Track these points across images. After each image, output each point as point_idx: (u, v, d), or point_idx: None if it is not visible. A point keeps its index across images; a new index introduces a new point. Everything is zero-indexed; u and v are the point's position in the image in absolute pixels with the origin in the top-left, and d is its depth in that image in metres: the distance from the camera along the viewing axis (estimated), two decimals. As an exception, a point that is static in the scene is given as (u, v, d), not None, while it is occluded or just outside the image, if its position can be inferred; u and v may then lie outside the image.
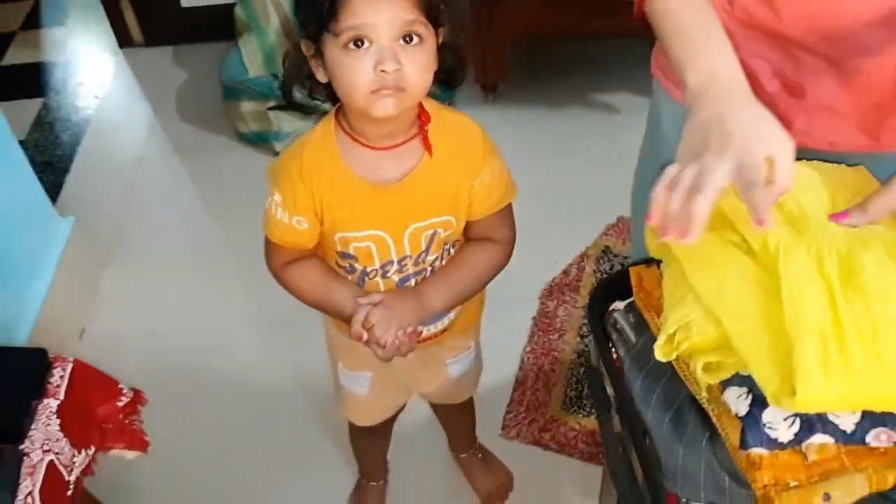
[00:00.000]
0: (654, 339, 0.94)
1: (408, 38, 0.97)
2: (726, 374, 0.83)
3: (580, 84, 2.61)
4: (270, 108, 2.48)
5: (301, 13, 1.02)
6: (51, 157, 2.59)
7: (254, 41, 2.58)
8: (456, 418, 1.63)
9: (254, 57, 2.56)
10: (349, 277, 1.20)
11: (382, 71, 0.96)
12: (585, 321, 1.92)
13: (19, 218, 1.92)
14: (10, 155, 1.94)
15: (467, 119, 1.16)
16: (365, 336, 1.14)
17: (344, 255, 1.17)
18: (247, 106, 2.49)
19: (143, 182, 2.47)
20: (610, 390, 1.01)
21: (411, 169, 1.10)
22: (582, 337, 1.89)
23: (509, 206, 1.21)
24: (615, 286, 1.10)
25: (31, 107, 2.79)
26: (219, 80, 2.64)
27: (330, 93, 1.10)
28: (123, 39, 2.94)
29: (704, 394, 0.86)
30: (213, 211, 2.38)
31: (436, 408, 1.62)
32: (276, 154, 2.46)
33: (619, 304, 1.07)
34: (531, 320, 1.94)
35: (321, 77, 1.05)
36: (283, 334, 2.00)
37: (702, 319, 0.83)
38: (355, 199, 1.10)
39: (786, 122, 0.87)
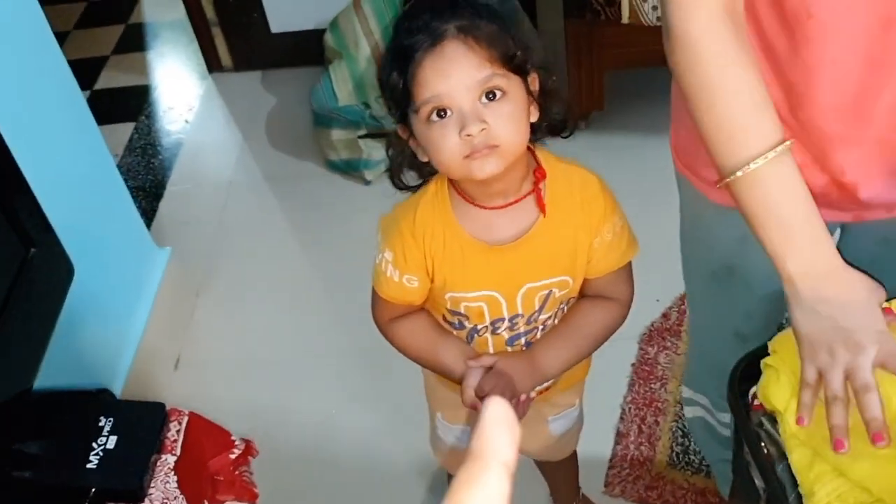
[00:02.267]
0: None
1: (490, 95, 0.94)
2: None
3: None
4: (361, 137, 2.47)
5: (386, 98, 1.00)
6: (143, 182, 2.63)
7: (344, 69, 2.57)
8: (558, 473, 1.59)
9: (344, 85, 2.55)
10: (456, 333, 1.17)
11: (468, 135, 0.93)
12: (689, 368, 1.86)
13: (119, 249, 1.94)
14: (111, 182, 1.95)
15: (586, 172, 1.12)
16: (478, 405, 1.10)
17: (454, 313, 1.14)
18: (337, 134, 2.48)
19: (233, 208, 2.49)
20: (759, 482, 0.96)
21: (526, 228, 1.06)
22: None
23: (629, 264, 1.16)
24: (752, 366, 1.05)
25: (123, 131, 2.84)
26: (308, 106, 2.65)
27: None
28: (213, 64, 2.97)
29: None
30: (303, 239, 2.38)
31: (537, 461, 1.57)
32: (367, 182, 2.45)
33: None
34: (630, 367, 1.88)
35: (421, 156, 1.03)
36: (373, 367, 1.98)
37: (855, 490, 0.84)
38: (468, 259, 1.07)
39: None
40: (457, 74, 0.92)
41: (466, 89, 0.93)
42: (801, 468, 0.89)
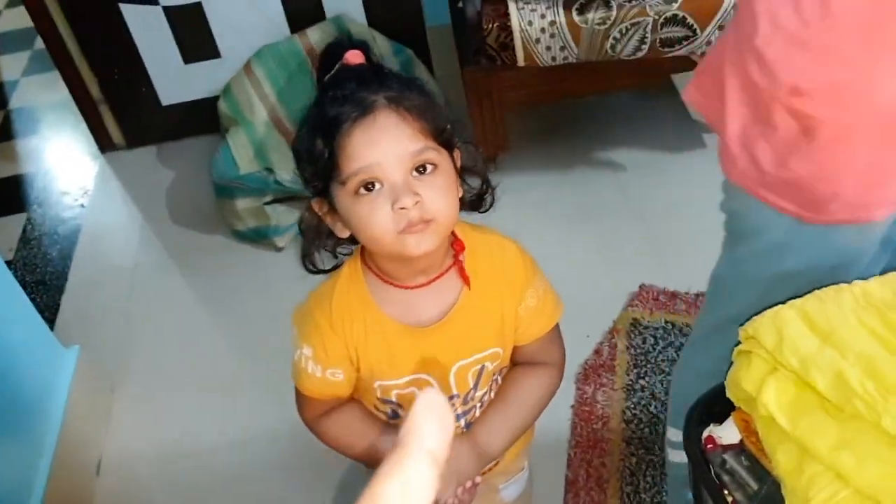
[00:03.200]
0: (779, 486, 0.88)
1: (421, 169, 0.91)
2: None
3: (582, 144, 2.56)
4: (267, 203, 2.40)
5: (303, 170, 0.95)
6: (42, 276, 2.49)
7: (242, 135, 2.50)
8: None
9: (244, 152, 2.48)
10: (391, 422, 1.11)
11: (402, 209, 0.89)
12: (629, 405, 1.84)
13: (22, 356, 1.81)
14: (3, 284, 1.82)
15: (502, 238, 1.09)
16: None
17: (385, 402, 1.09)
18: (242, 203, 2.40)
19: (141, 292, 2.37)
20: (725, 536, 0.93)
21: (451, 305, 1.02)
22: (627, 423, 1.81)
23: (557, 326, 1.14)
24: (708, 407, 1.03)
25: (14, 224, 2.69)
26: (209, 177, 2.56)
27: (354, 242, 1.03)
28: (104, 143, 2.85)
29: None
30: (218, 316, 2.28)
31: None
32: (279, 249, 2.38)
33: (717, 431, 1.01)
34: (570, 409, 1.86)
35: (340, 232, 0.98)
36: (311, 447, 1.89)
37: (854, 496, 0.77)
38: (393, 345, 1.02)
39: None
40: (389, 146, 0.88)
41: (399, 161, 0.88)
42: (788, 471, 0.83)
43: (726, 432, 1.01)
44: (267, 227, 2.37)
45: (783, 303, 0.92)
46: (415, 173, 0.90)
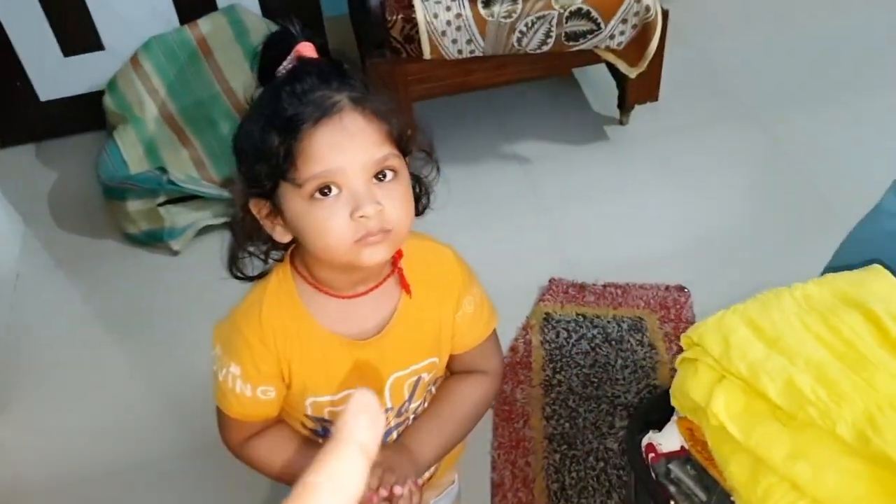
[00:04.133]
0: (729, 497, 0.87)
1: (381, 175, 0.85)
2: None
3: (487, 136, 2.53)
4: (161, 204, 2.26)
5: (248, 167, 0.88)
6: None
7: (131, 133, 2.36)
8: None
9: (133, 150, 2.34)
10: (320, 440, 1.06)
11: (362, 217, 0.83)
12: (547, 401, 1.84)
13: None
14: None
15: (438, 244, 1.05)
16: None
17: (316, 419, 1.03)
18: (133, 205, 2.26)
19: (24, 304, 2.20)
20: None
21: (389, 315, 0.98)
22: (547, 419, 1.80)
23: (494, 333, 1.11)
24: (646, 414, 1.03)
25: None
26: (95, 178, 2.40)
27: (287, 247, 0.97)
28: (-26, 142, 2.63)
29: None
30: (112, 327, 2.14)
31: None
32: (175, 253, 2.25)
33: (657, 438, 1.00)
34: (490, 409, 1.83)
35: (281, 237, 0.91)
36: (210, 461, 1.80)
37: None
38: (330, 358, 0.97)
39: None
40: (354, 150, 0.82)
41: (362, 167, 0.82)
42: (743, 482, 0.82)
43: (666, 439, 1.00)
44: (161, 229, 2.24)
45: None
46: (374, 180, 0.84)
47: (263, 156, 0.85)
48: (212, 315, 2.11)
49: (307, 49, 0.88)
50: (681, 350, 1.90)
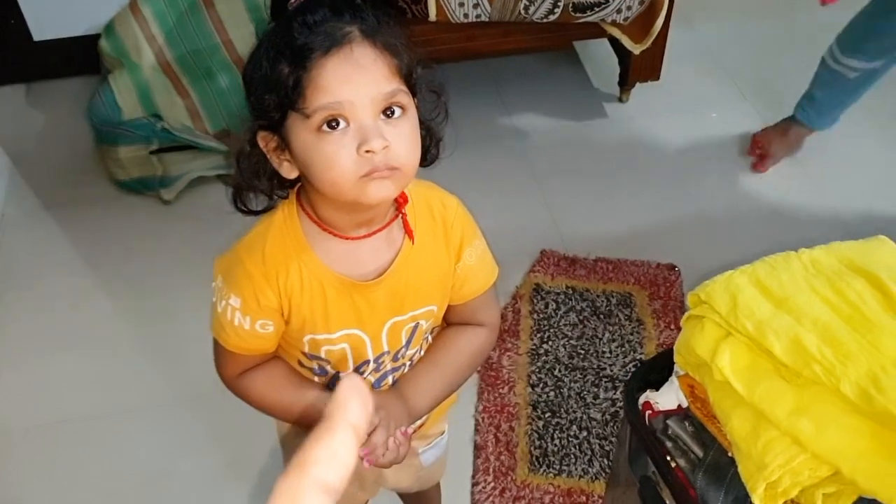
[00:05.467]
0: (726, 454, 0.87)
1: (389, 112, 0.84)
2: (849, 501, 0.77)
3: (483, 105, 2.52)
4: (153, 152, 2.23)
5: (257, 98, 0.86)
6: None
7: (126, 78, 2.32)
8: (423, 501, 1.51)
9: (128, 96, 2.30)
10: (317, 379, 1.05)
11: (368, 151, 0.82)
12: (533, 369, 1.84)
13: None
14: None
15: (444, 194, 1.04)
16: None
17: (312, 357, 1.02)
18: (125, 151, 2.23)
19: (10, 246, 2.17)
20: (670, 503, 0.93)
21: (391, 259, 0.97)
22: (533, 387, 1.81)
23: (493, 286, 1.10)
24: (646, 373, 1.03)
25: None
26: (87, 122, 2.37)
27: (293, 184, 0.95)
28: (-37, 79, 2.58)
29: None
30: (99, 273, 2.11)
31: (403, 496, 1.49)
32: (166, 202, 2.23)
33: (654, 396, 1.00)
34: (476, 374, 1.84)
35: (288, 172, 0.89)
36: (197, 410, 1.79)
37: (811, 461, 0.76)
38: (330, 298, 0.96)
39: None
40: (364, 82, 0.80)
41: (371, 102, 0.81)
42: (743, 436, 0.83)
43: (663, 398, 1.01)
44: (153, 177, 2.21)
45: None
46: (382, 116, 0.83)
47: (272, 86, 0.83)
48: (200, 266, 2.09)
49: None
50: (668, 326, 1.92)
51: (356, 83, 0.81)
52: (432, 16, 2.10)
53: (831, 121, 2.25)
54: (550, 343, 1.90)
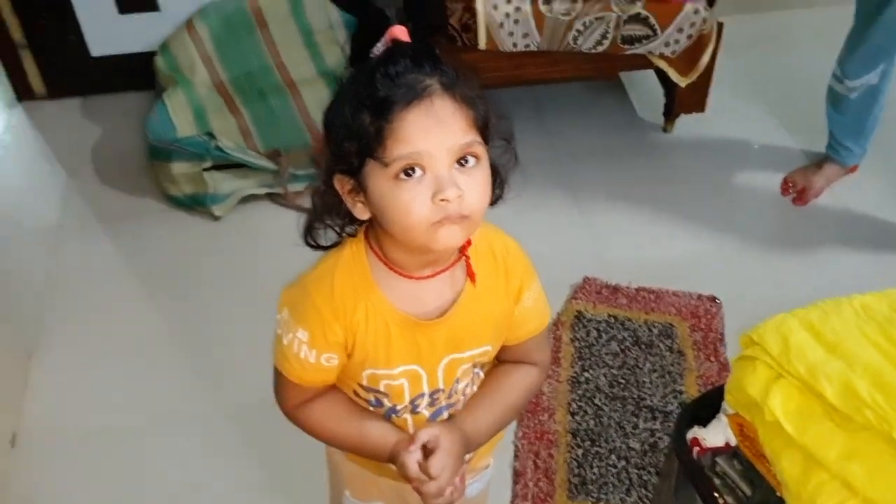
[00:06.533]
0: (774, 493, 0.89)
1: (464, 161, 0.87)
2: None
3: (529, 131, 2.55)
4: (206, 169, 2.29)
5: (337, 144, 0.90)
6: (-50, 229, 2.31)
7: (181, 96, 2.39)
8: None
9: (182, 113, 2.37)
10: (373, 410, 1.08)
11: (443, 200, 0.85)
12: (573, 397, 1.85)
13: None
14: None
15: (505, 237, 1.06)
16: (428, 487, 1.01)
17: (370, 390, 1.05)
18: (178, 167, 2.29)
19: (64, 256, 2.23)
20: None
21: (452, 299, 0.99)
22: (573, 415, 1.82)
23: (546, 328, 1.12)
24: (695, 409, 1.04)
25: (-82, 170, 2.48)
26: (139, 136, 2.44)
27: (362, 222, 0.98)
28: (23, 91, 2.66)
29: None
30: (149, 285, 2.17)
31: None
32: (216, 218, 2.28)
33: (702, 433, 1.02)
34: (517, 398, 1.85)
35: (361, 213, 0.93)
36: (246, 426, 1.83)
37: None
38: (393, 334, 0.98)
39: None
40: (442, 134, 0.83)
41: (448, 151, 0.84)
42: (794, 477, 0.84)
43: (711, 435, 1.02)
44: (204, 194, 2.26)
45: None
46: (456, 165, 0.86)
47: (353, 134, 0.87)
48: (246, 281, 2.14)
49: (401, 32, 0.90)
50: (708, 359, 1.92)
51: (435, 135, 0.83)
52: (482, 44, 2.13)
53: (858, 152, 2.29)
54: (591, 371, 1.92)
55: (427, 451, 0.99)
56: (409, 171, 0.84)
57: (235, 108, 2.38)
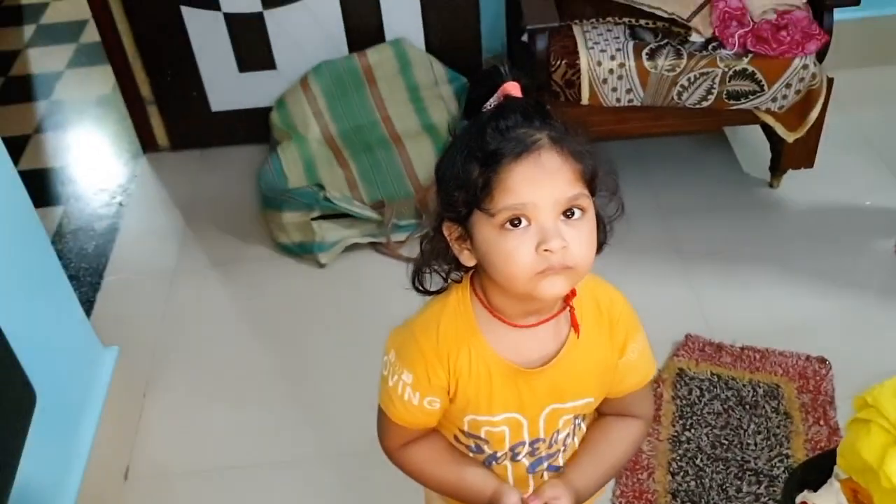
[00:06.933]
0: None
1: (570, 213, 0.89)
2: None
3: (632, 185, 2.53)
4: (314, 219, 2.38)
5: (447, 193, 0.93)
6: (77, 271, 2.46)
7: (293, 149, 2.49)
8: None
9: (294, 166, 2.47)
10: (472, 456, 1.09)
11: (547, 251, 0.87)
12: (674, 457, 1.81)
13: (62, 352, 1.78)
14: (50, 274, 1.78)
15: (611, 289, 1.07)
16: None
17: (470, 436, 1.06)
18: (289, 216, 2.39)
19: (179, 297, 2.34)
20: None
21: (556, 350, 1.00)
22: (673, 475, 1.78)
23: (650, 382, 1.12)
24: (805, 473, 1.01)
25: (50, 215, 2.66)
26: (252, 186, 2.55)
27: (467, 269, 1.01)
28: (148, 143, 2.83)
29: None
30: (257, 328, 2.25)
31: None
32: (322, 266, 2.35)
33: (812, 498, 0.99)
34: (617, 455, 1.82)
35: (467, 260, 0.96)
36: (348, 472, 1.86)
37: None
38: (496, 382, 1.00)
39: None
40: (548, 186, 0.86)
41: (555, 203, 0.87)
42: None
43: (822, 500, 0.99)
44: (312, 242, 2.35)
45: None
46: (562, 217, 0.88)
47: (463, 184, 0.90)
48: (349, 327, 2.19)
49: (513, 88, 0.94)
50: (817, 422, 1.85)
51: (541, 187, 0.86)
52: (585, 100, 2.16)
53: None
54: (693, 431, 1.87)
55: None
56: (515, 222, 0.87)
57: (343, 160, 2.47)
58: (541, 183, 0.87)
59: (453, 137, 0.95)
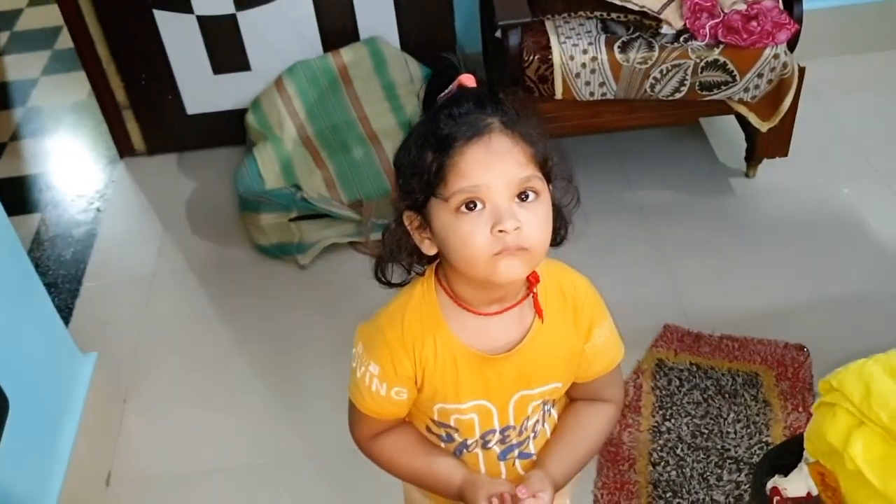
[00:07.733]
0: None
1: (523, 196, 0.90)
2: None
3: (607, 178, 2.55)
4: (292, 220, 2.37)
5: (404, 182, 0.94)
6: (55, 278, 2.44)
7: (269, 150, 2.49)
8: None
9: (270, 167, 2.47)
10: (444, 446, 1.10)
11: (501, 231, 0.88)
12: (655, 447, 1.82)
13: (39, 359, 1.77)
14: (25, 282, 1.77)
15: (575, 274, 1.08)
16: None
17: (441, 425, 1.07)
18: (266, 218, 2.38)
19: (158, 302, 2.33)
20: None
21: (521, 336, 1.01)
22: (654, 465, 1.79)
23: (618, 366, 1.13)
24: (775, 458, 1.02)
25: (27, 223, 2.65)
26: (233, 190, 2.54)
27: (431, 260, 1.02)
28: (124, 148, 2.82)
29: None
30: (237, 331, 2.24)
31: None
32: (302, 267, 2.35)
33: (783, 483, 0.99)
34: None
35: (428, 249, 0.97)
36: (329, 472, 1.86)
37: None
38: (461, 370, 1.01)
39: None
40: (500, 168, 0.88)
41: (506, 185, 0.88)
42: None
43: (792, 485, 1.00)
44: (290, 243, 2.34)
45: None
46: (517, 199, 0.89)
47: (418, 171, 0.92)
48: (330, 327, 2.19)
49: (468, 79, 0.95)
50: (796, 409, 1.87)
51: (493, 168, 0.87)
52: (558, 94, 2.16)
53: None
54: (673, 421, 1.88)
55: (502, 497, 1.01)
56: (469, 206, 0.88)
57: (321, 160, 2.47)
58: (492, 165, 0.88)
59: (411, 128, 0.96)
